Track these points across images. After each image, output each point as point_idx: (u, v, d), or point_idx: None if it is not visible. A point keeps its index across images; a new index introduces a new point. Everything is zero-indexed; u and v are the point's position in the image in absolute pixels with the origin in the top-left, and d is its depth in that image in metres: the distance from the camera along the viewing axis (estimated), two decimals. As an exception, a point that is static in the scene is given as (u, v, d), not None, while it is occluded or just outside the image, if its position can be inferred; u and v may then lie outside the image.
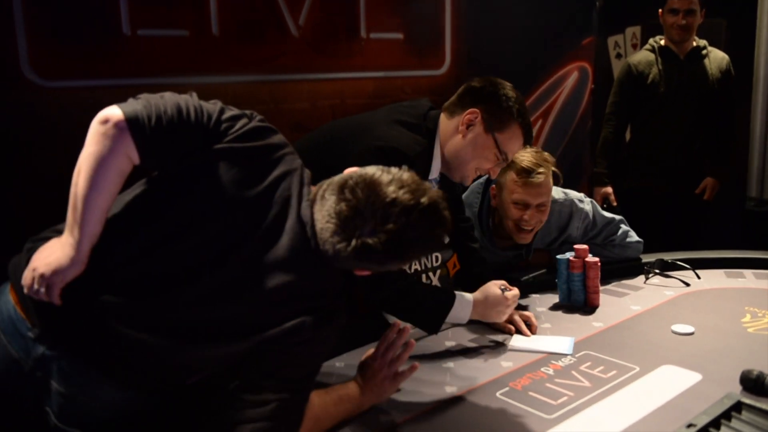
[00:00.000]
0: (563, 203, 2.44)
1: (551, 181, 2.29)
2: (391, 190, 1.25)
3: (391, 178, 1.27)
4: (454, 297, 1.81)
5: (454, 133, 1.89)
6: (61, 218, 1.33)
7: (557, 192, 2.44)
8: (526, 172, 2.21)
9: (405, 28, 3.25)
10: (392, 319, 1.86)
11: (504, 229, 2.30)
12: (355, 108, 3.11)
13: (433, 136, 1.91)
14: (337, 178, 1.33)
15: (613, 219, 2.55)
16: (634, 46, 4.37)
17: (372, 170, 1.30)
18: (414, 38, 3.29)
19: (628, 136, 3.71)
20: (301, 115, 2.97)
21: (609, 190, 3.56)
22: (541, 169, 2.22)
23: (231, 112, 1.39)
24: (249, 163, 1.34)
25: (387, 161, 1.71)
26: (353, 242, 1.24)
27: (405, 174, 1.30)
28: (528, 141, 1.93)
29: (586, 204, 2.49)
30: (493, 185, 2.31)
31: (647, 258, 2.53)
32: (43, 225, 1.62)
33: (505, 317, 1.87)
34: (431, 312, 1.81)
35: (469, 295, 1.84)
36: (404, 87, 3.29)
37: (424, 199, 1.25)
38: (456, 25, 3.46)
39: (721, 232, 4.31)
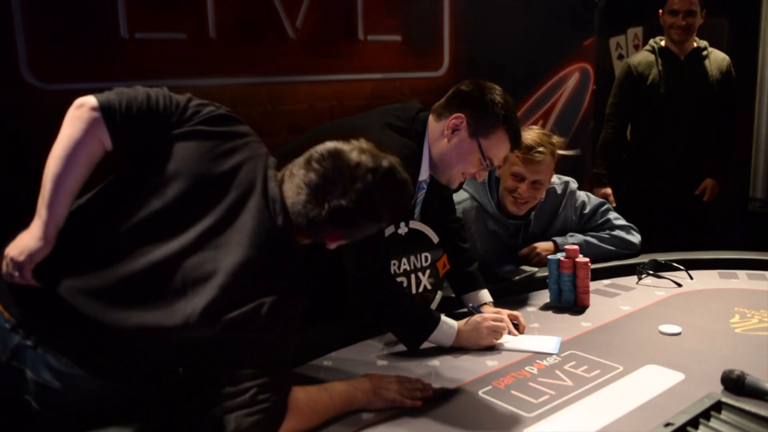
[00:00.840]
0: (556, 185, 2.59)
1: (552, 162, 2.39)
2: (354, 156, 1.36)
3: (352, 147, 1.38)
4: (438, 321, 1.82)
5: (441, 136, 1.90)
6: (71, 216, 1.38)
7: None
8: (527, 149, 2.30)
9: (403, 29, 3.28)
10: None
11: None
12: (353, 109, 3.14)
13: (421, 139, 1.92)
14: (301, 157, 1.41)
15: (604, 202, 2.68)
16: (636, 47, 4.36)
17: (332, 143, 1.39)
18: (412, 40, 3.32)
19: (629, 136, 3.72)
20: (298, 117, 3.00)
21: (608, 190, 3.56)
22: (541, 149, 2.33)
23: (199, 100, 1.48)
24: (213, 145, 1.41)
25: None
26: (326, 206, 1.33)
27: (363, 143, 1.40)
28: (516, 146, 1.94)
29: (574, 184, 2.67)
30: None
31: (641, 258, 2.53)
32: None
33: (487, 341, 1.84)
34: (413, 329, 1.82)
35: (454, 323, 1.84)
36: (402, 88, 3.32)
37: (384, 162, 1.38)
38: (455, 26, 3.48)
39: (724, 233, 4.30)
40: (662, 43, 3.48)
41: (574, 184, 2.69)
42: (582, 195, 2.68)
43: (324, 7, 2.98)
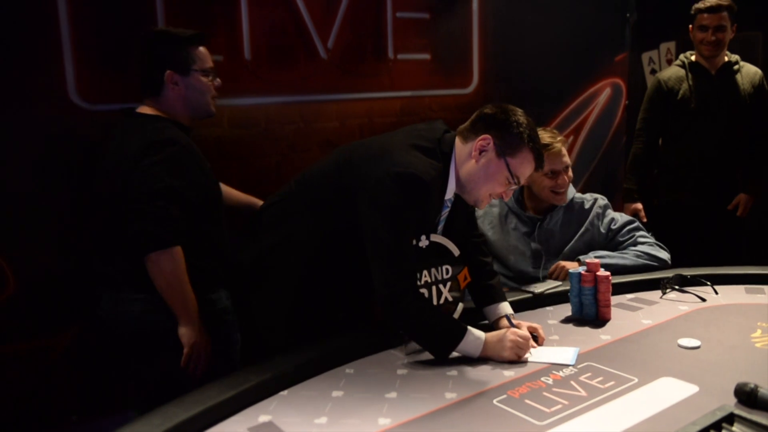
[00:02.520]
0: (586, 200, 2.76)
1: (566, 146, 2.70)
2: None
3: None
4: (465, 331, 1.88)
5: (468, 157, 1.98)
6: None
7: (576, 193, 2.78)
8: (545, 146, 2.42)
9: (432, 48, 3.36)
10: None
11: (531, 199, 2.73)
12: (383, 126, 3.24)
13: (447, 159, 2.00)
14: None
15: (633, 220, 2.77)
16: (669, 62, 4.36)
17: None
18: (441, 58, 3.40)
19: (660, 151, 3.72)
20: (330, 134, 3.10)
21: (639, 206, 3.56)
22: (557, 139, 2.64)
23: None
24: None
25: (405, 186, 1.83)
26: None
27: None
28: (539, 165, 2.02)
29: (604, 200, 2.80)
30: None
31: (666, 273, 2.55)
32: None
33: (515, 356, 1.88)
34: (441, 340, 1.89)
35: (481, 334, 1.91)
36: (432, 105, 3.40)
37: None
38: (484, 43, 3.56)
39: (761, 248, 4.24)
40: (693, 58, 3.49)
41: (603, 200, 2.78)
42: (614, 214, 2.76)
43: (355, 28, 3.08)
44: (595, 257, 2.52)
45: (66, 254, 2.43)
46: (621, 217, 2.74)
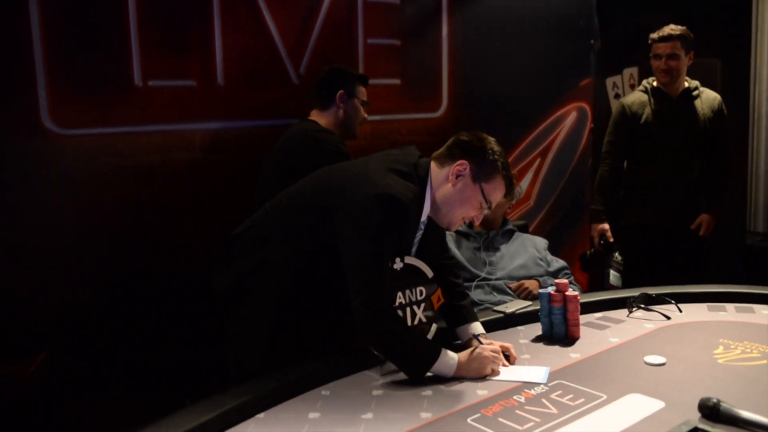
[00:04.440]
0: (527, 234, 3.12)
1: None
2: None
3: None
4: (439, 353, 1.92)
5: (445, 181, 2.05)
6: (87, 255, 1.45)
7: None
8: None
9: (402, 73, 3.43)
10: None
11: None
12: (353, 150, 3.23)
13: (423, 183, 2.06)
14: None
15: (567, 265, 3.12)
16: (632, 86, 4.51)
17: None
18: (411, 83, 3.47)
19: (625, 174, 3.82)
20: (302, 157, 3.12)
21: (606, 226, 3.65)
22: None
23: None
24: None
25: (384, 207, 1.87)
26: None
27: None
28: (509, 191, 2.09)
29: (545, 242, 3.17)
30: None
31: (632, 292, 2.62)
32: (63, 265, 1.72)
33: (487, 371, 1.94)
34: (416, 362, 1.93)
35: (454, 355, 1.95)
36: (401, 129, 3.46)
37: None
38: (453, 68, 3.64)
39: (724, 268, 4.37)
40: (654, 84, 3.61)
41: (544, 241, 3.16)
42: (551, 256, 3.11)
43: (327, 54, 3.13)
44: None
45: (38, 278, 2.41)
46: (557, 261, 3.08)
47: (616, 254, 3.58)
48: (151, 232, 2.75)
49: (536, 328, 2.35)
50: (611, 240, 3.62)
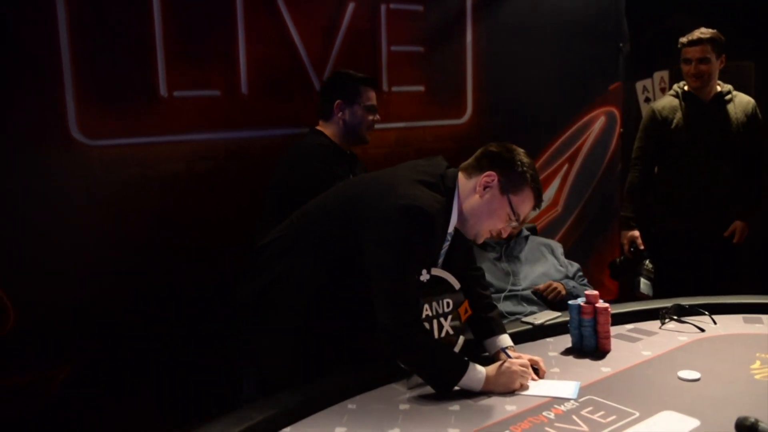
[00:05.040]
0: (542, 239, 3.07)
1: None
2: None
3: None
4: (467, 367, 1.89)
5: (472, 192, 2.01)
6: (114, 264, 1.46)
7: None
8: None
9: (426, 80, 3.40)
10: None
11: None
12: (378, 157, 3.26)
13: (450, 194, 2.03)
14: None
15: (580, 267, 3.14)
16: (663, 90, 4.42)
17: None
18: (435, 90, 3.44)
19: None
20: (326, 166, 3.11)
21: (636, 233, 3.58)
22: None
23: None
24: None
25: (411, 219, 1.84)
26: None
27: None
28: (538, 204, 2.05)
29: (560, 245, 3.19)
30: None
31: (664, 303, 2.55)
32: (91, 274, 1.73)
33: (516, 385, 1.91)
34: (443, 376, 1.90)
35: (482, 369, 1.92)
36: (426, 136, 3.43)
37: None
38: (478, 75, 3.61)
39: (760, 276, 4.25)
40: (686, 88, 3.53)
41: (559, 245, 3.16)
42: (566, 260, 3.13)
43: (350, 63, 3.11)
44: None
45: (66, 288, 2.43)
46: (572, 264, 3.10)
47: (647, 262, 3.50)
48: (176, 240, 2.76)
49: (566, 340, 2.30)
50: (642, 247, 3.54)
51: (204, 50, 2.76)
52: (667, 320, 2.44)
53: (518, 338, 2.27)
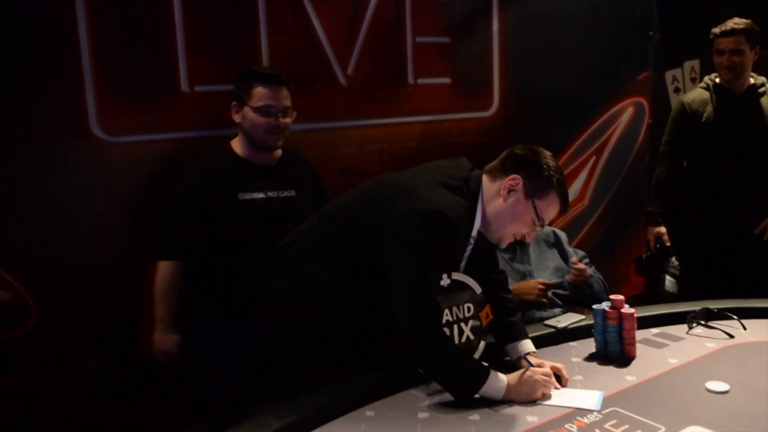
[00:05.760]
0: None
1: None
2: None
3: None
4: (487, 375, 1.85)
5: (496, 196, 1.97)
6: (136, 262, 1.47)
7: None
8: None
9: (452, 72, 3.34)
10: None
11: None
12: (402, 151, 3.22)
13: (474, 197, 1.98)
14: None
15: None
16: (693, 80, 4.30)
17: None
18: (462, 82, 3.38)
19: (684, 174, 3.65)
20: (349, 160, 3.10)
21: (662, 230, 3.51)
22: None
23: None
24: None
25: (433, 223, 1.81)
26: None
27: None
28: (564, 210, 2.00)
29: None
30: None
31: (692, 306, 2.49)
32: (113, 272, 1.73)
33: (538, 395, 1.88)
34: (463, 384, 1.87)
35: (504, 377, 1.88)
36: (451, 130, 3.38)
37: None
38: (504, 66, 3.53)
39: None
40: (717, 80, 3.43)
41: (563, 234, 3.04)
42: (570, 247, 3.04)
43: (375, 54, 3.07)
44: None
45: (87, 285, 2.45)
46: (577, 252, 3.01)
47: (673, 259, 3.43)
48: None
49: (589, 345, 2.26)
50: (668, 244, 3.47)
51: (225, 44, 2.73)
52: (694, 325, 2.39)
53: (541, 342, 2.24)
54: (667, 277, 3.44)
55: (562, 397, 1.89)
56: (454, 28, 3.34)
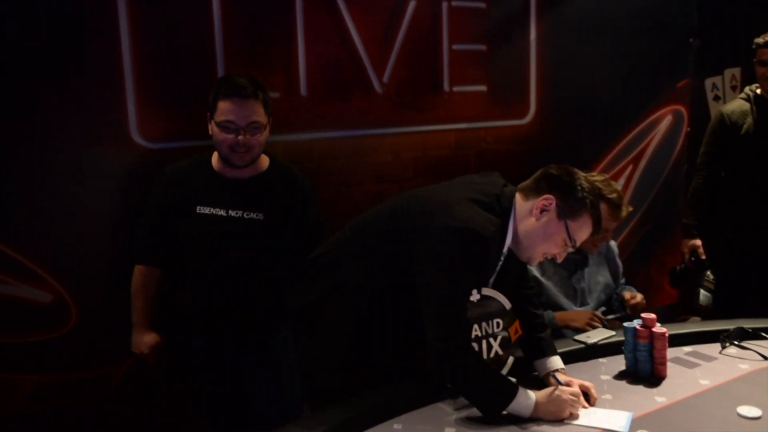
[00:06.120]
0: None
1: None
2: None
3: None
4: (515, 393, 1.86)
5: (528, 215, 1.97)
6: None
7: None
8: (618, 205, 2.59)
9: (489, 80, 3.34)
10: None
11: None
12: (437, 159, 3.23)
13: (506, 214, 1.99)
14: None
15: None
16: (734, 88, 4.22)
17: None
18: (498, 89, 3.37)
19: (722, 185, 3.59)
20: (383, 168, 3.11)
21: (698, 242, 3.46)
22: (623, 207, 2.64)
23: None
24: None
25: (464, 241, 1.82)
26: None
27: None
28: (597, 231, 2.00)
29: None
30: None
31: (726, 324, 2.46)
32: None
33: (565, 414, 1.88)
34: (491, 400, 1.88)
35: (532, 394, 1.88)
36: (487, 137, 3.37)
37: None
38: (541, 73, 3.51)
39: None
40: (758, 91, 3.37)
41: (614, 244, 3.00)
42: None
43: (411, 62, 3.08)
44: None
45: (125, 288, 2.51)
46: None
47: (708, 273, 3.38)
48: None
49: (619, 362, 2.24)
50: (703, 257, 3.42)
51: (264, 51, 2.77)
52: (727, 345, 2.36)
53: (570, 358, 2.23)
54: (702, 291, 3.39)
55: (590, 417, 1.89)
56: (491, 36, 3.33)
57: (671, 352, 2.23)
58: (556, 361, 2.12)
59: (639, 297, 2.78)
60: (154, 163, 2.54)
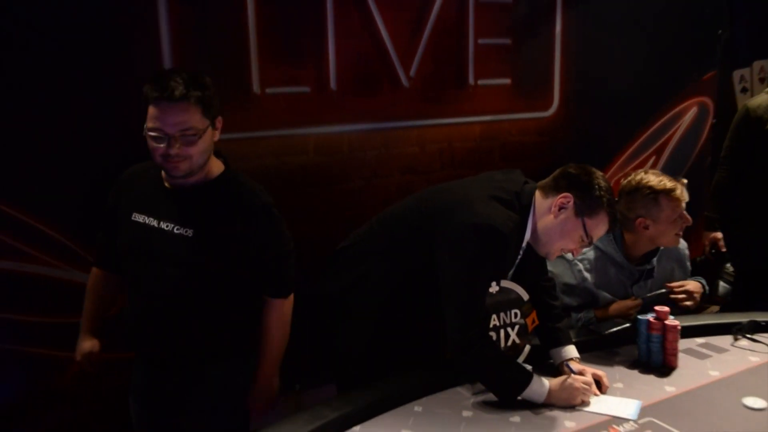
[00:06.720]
0: None
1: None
2: None
3: None
4: (529, 380, 1.97)
5: (547, 212, 2.08)
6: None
7: None
8: (670, 191, 2.55)
9: (513, 73, 3.40)
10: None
11: (632, 248, 2.63)
12: (462, 151, 3.32)
13: (525, 211, 2.09)
14: None
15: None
16: (762, 80, 4.22)
17: None
18: (522, 82, 3.43)
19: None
20: (411, 159, 3.21)
21: (719, 235, 3.50)
22: (680, 180, 2.63)
23: None
24: None
25: (484, 237, 1.93)
26: None
27: None
28: (612, 229, 2.11)
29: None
30: (639, 219, 2.55)
31: (740, 317, 2.53)
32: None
33: (577, 401, 1.98)
34: (507, 388, 2.00)
35: (545, 382, 1.99)
36: (511, 130, 3.45)
37: None
38: (565, 65, 3.56)
39: None
40: (785, 86, 3.38)
41: (685, 244, 2.87)
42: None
43: (436, 57, 3.15)
44: None
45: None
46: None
47: (728, 265, 3.43)
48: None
49: (632, 352, 2.34)
50: (723, 250, 3.47)
51: (295, 47, 2.86)
52: (739, 337, 2.43)
53: (585, 347, 2.33)
54: (721, 283, 3.45)
55: (600, 404, 2.00)
56: (517, 30, 3.38)
57: (684, 344, 2.32)
58: (570, 351, 2.22)
59: (690, 286, 2.68)
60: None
